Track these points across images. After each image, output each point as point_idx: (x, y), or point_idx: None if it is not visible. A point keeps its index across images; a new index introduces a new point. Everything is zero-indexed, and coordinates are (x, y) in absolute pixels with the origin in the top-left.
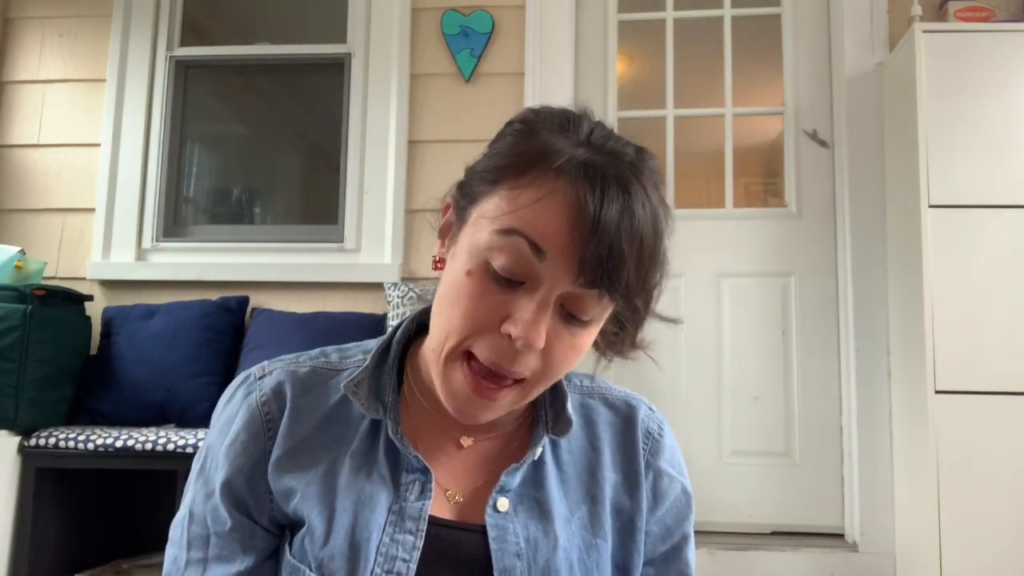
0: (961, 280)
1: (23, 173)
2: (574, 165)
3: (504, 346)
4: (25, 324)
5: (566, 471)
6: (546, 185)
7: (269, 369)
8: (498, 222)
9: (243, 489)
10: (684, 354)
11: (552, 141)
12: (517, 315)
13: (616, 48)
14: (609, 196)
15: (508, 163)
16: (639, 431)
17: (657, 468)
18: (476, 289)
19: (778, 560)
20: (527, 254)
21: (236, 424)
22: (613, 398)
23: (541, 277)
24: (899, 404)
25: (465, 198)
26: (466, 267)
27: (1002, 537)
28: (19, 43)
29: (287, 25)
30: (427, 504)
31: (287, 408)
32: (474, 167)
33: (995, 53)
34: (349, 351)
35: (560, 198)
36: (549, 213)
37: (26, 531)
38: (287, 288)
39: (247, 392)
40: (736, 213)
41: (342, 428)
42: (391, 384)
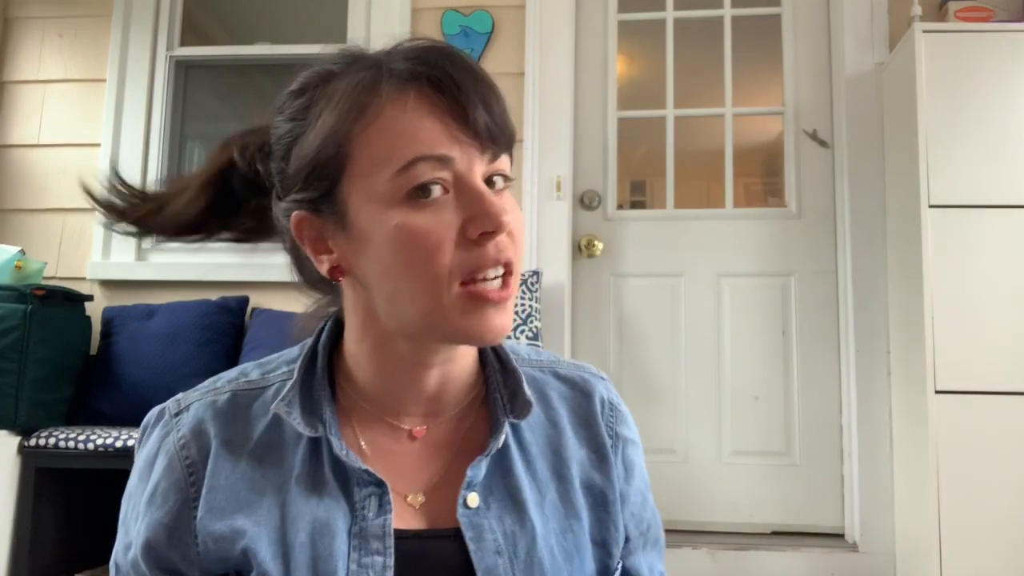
0: (961, 280)
1: (23, 173)
2: (400, 72)
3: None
4: (25, 324)
5: (529, 451)
6: (397, 100)
7: (185, 403)
8: (392, 162)
9: (164, 545)
10: (684, 354)
11: (357, 74)
12: (482, 207)
13: (616, 48)
14: (445, 63)
15: (341, 116)
16: (597, 403)
17: (624, 437)
18: (417, 227)
19: (778, 560)
20: (436, 168)
21: (155, 471)
22: (565, 372)
23: (459, 173)
24: (899, 404)
25: (320, 190)
26: (392, 222)
27: (1002, 537)
28: (19, 43)
29: (287, 25)
30: (389, 518)
31: (212, 446)
32: (298, 162)
33: (995, 53)
34: (270, 365)
35: (425, 104)
36: (423, 119)
37: (26, 531)
38: (287, 288)
39: (163, 432)
40: (736, 213)
41: (278, 453)
42: (326, 395)
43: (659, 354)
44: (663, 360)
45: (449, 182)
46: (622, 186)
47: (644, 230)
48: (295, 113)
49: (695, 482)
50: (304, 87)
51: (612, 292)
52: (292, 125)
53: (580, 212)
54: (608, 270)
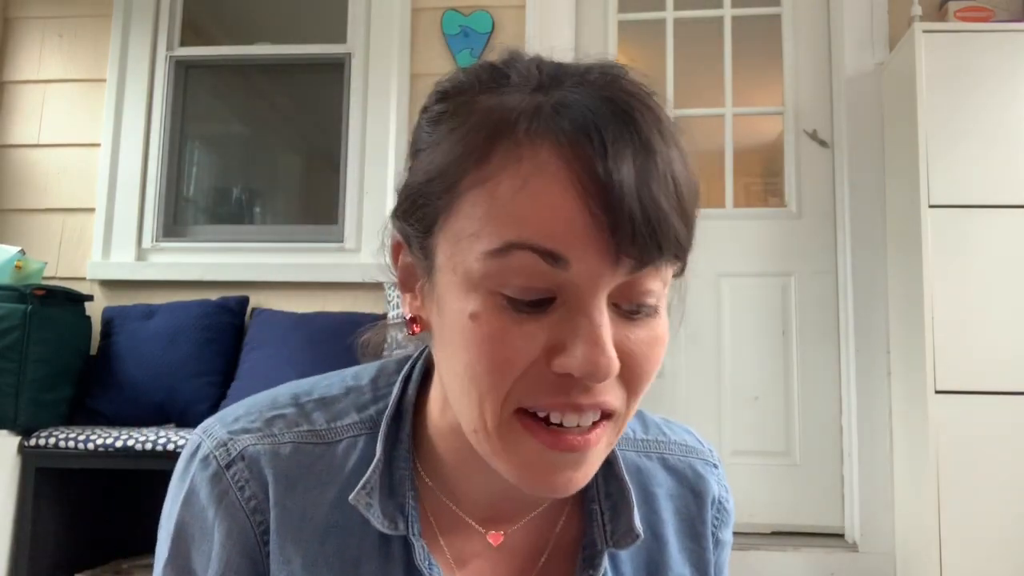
0: (961, 280)
1: (23, 173)
2: (545, 119)
3: (563, 385)
4: (25, 324)
5: (624, 574)
6: (522, 162)
7: (235, 449)
8: (485, 240)
9: None
10: (684, 354)
11: (501, 101)
12: (569, 346)
13: (616, 48)
14: (609, 141)
15: (457, 156)
16: (708, 505)
17: (723, 542)
18: (493, 330)
19: (778, 560)
20: (541, 267)
21: (218, 543)
22: (675, 460)
23: (573, 282)
24: (899, 404)
25: (418, 226)
26: (467, 310)
27: (1002, 537)
28: (19, 43)
29: (287, 25)
30: None
31: (273, 515)
32: (410, 183)
33: (995, 53)
34: (337, 407)
35: (551, 173)
36: (545, 200)
37: (26, 531)
38: (287, 288)
39: (219, 490)
40: (736, 213)
41: (343, 541)
42: (408, 477)
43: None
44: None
45: (555, 294)
46: None
47: None
48: (434, 116)
49: None
50: (456, 88)
51: None
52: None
53: None
54: None
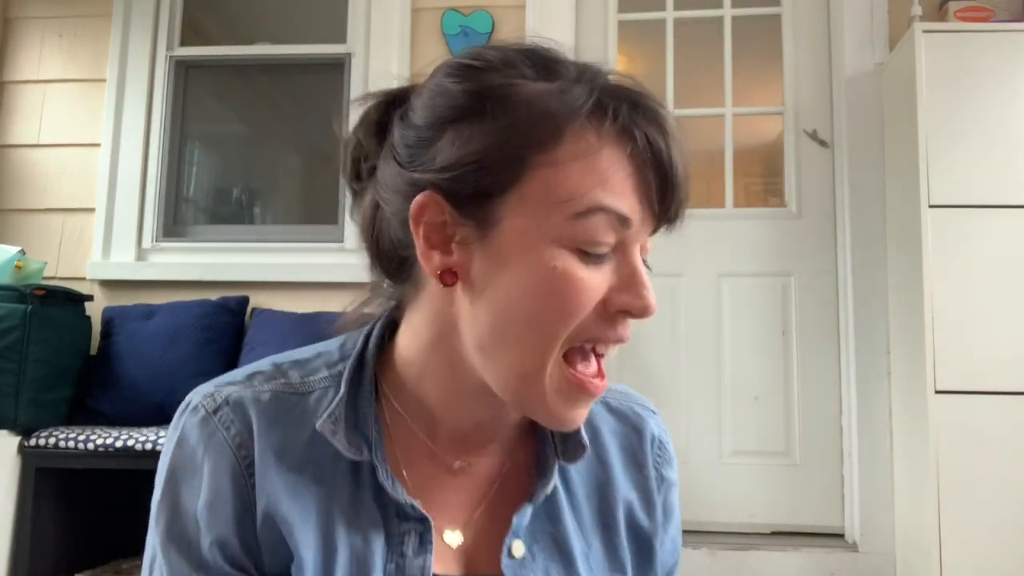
0: (961, 280)
1: (23, 173)
2: (610, 113)
3: (615, 321)
4: (25, 324)
5: (576, 495)
6: (597, 146)
7: (221, 398)
8: (573, 205)
9: (238, 550)
10: (684, 354)
11: (564, 94)
12: (636, 286)
13: (616, 48)
14: (661, 136)
15: (532, 135)
16: (648, 441)
17: (669, 480)
18: (573, 280)
19: (778, 560)
20: (614, 226)
21: (207, 476)
22: (617, 403)
23: (627, 241)
24: (899, 404)
25: (470, 192)
26: (552, 260)
27: (1002, 537)
28: (19, 43)
29: (287, 25)
30: (429, 559)
31: (257, 449)
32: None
33: (995, 53)
34: (310, 365)
35: (622, 155)
36: (620, 175)
37: (26, 531)
38: (287, 288)
39: (207, 431)
40: (736, 213)
41: (319, 471)
42: (371, 412)
43: (659, 354)
44: (663, 360)
45: (613, 249)
46: None
47: None
48: (470, 89)
49: (695, 482)
50: (490, 67)
51: None
52: (462, 99)
53: None
54: None
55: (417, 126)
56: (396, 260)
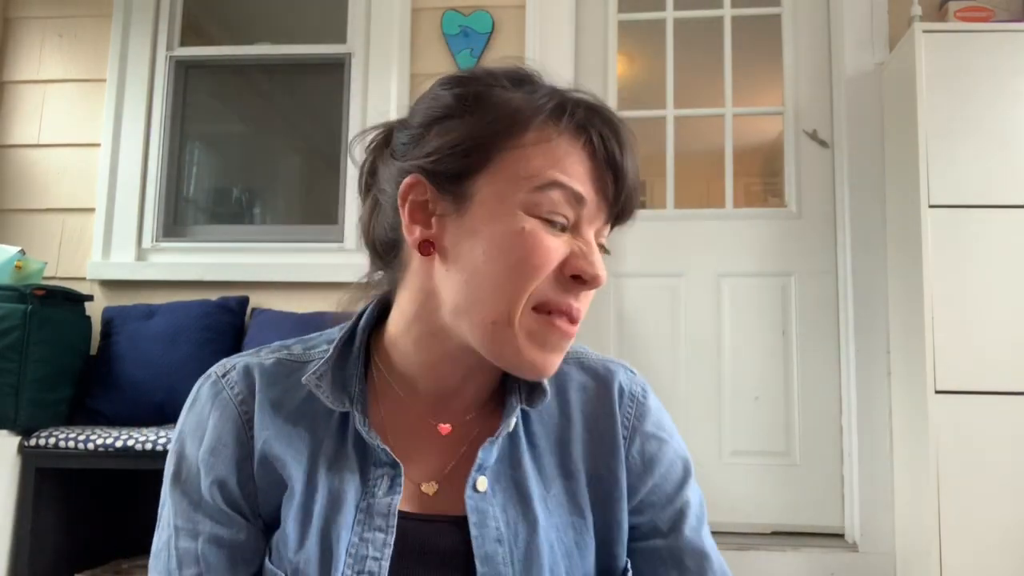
0: (961, 280)
1: (23, 173)
2: (567, 112)
3: (570, 288)
4: (25, 324)
5: (538, 445)
6: (556, 137)
7: (231, 364)
8: (536, 180)
9: (235, 491)
10: (684, 354)
11: (532, 97)
12: (589, 255)
13: (616, 48)
14: (614, 137)
15: (501, 126)
16: (616, 394)
17: (644, 432)
18: (540, 240)
19: (778, 560)
20: (571, 202)
21: (211, 427)
22: (590, 362)
23: (582, 219)
24: (899, 404)
25: (449, 173)
26: (519, 225)
27: (1002, 537)
28: (19, 43)
29: (287, 25)
30: (396, 499)
31: (257, 400)
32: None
33: (995, 53)
34: (312, 342)
35: (577, 147)
36: (575, 162)
37: (26, 531)
38: (287, 288)
39: (214, 391)
40: (736, 213)
41: (312, 423)
42: (357, 373)
43: (659, 354)
44: (663, 360)
45: (570, 223)
46: None
47: (644, 230)
48: (457, 94)
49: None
50: (474, 78)
51: (612, 292)
52: (450, 101)
53: None
54: (608, 270)
55: (412, 126)
56: (387, 244)
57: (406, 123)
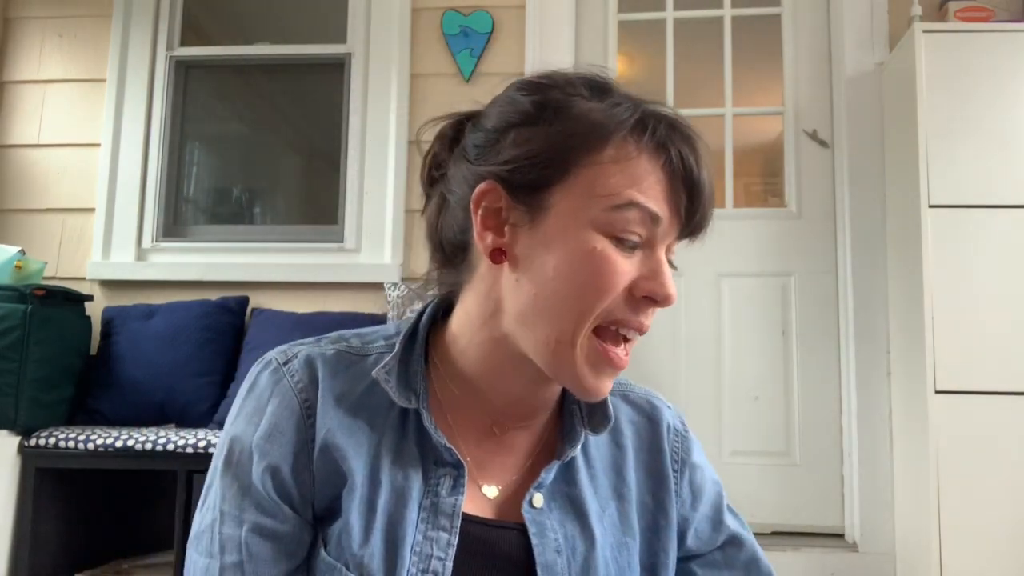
0: (961, 280)
1: (23, 173)
2: (649, 129)
3: (640, 307)
4: (25, 324)
5: (594, 467)
6: (636, 155)
7: (292, 353)
8: (614, 198)
9: (288, 480)
10: (684, 354)
11: (613, 111)
12: (660, 276)
13: (616, 48)
14: (692, 155)
15: (581, 139)
16: (664, 429)
17: (692, 464)
18: (612, 261)
19: (778, 560)
20: (646, 222)
21: (269, 412)
22: (635, 396)
23: (656, 238)
24: (899, 404)
25: (528, 182)
26: (591, 244)
27: (1002, 537)
28: (19, 43)
29: (287, 25)
30: (460, 500)
31: (320, 392)
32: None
33: (995, 53)
34: (368, 337)
35: (657, 166)
36: (654, 182)
37: (26, 531)
38: (287, 288)
39: (275, 378)
40: (736, 213)
41: (372, 417)
42: (421, 371)
43: (659, 354)
44: (663, 360)
45: (642, 242)
46: None
47: None
48: (535, 100)
49: None
50: (553, 85)
51: None
52: (528, 108)
53: None
54: None
55: (487, 129)
56: (455, 245)
57: (479, 123)
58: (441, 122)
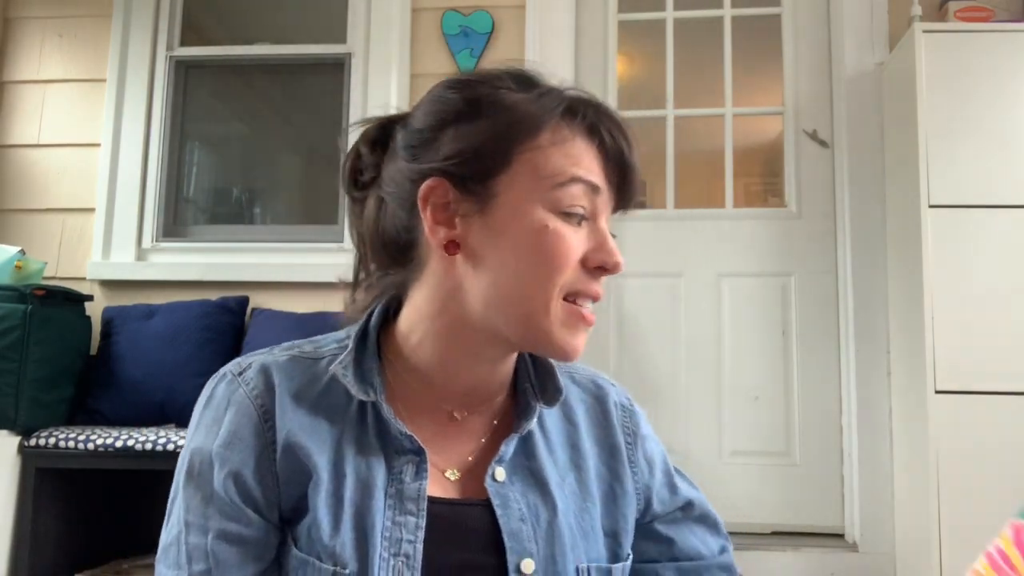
0: (961, 280)
1: (23, 173)
2: (579, 114)
3: (594, 276)
4: (25, 324)
5: (551, 441)
6: (571, 136)
7: (246, 364)
8: (554, 178)
9: (251, 483)
10: (684, 354)
11: (543, 99)
12: (607, 246)
13: (616, 48)
14: (621, 134)
15: (518, 128)
16: (611, 406)
17: (642, 435)
18: (564, 235)
19: (778, 560)
20: (589, 195)
21: (227, 421)
22: (580, 378)
23: (598, 210)
24: (899, 404)
25: (473, 175)
26: (542, 223)
27: None
28: (19, 43)
29: (287, 25)
30: (424, 484)
31: (278, 394)
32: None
33: (995, 53)
34: (320, 342)
35: (592, 145)
36: (589, 157)
37: (26, 531)
38: (287, 288)
39: (231, 389)
40: (736, 213)
41: (331, 414)
42: (376, 367)
43: (659, 354)
44: (663, 360)
45: (587, 214)
46: None
47: (644, 230)
48: (467, 97)
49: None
50: (481, 81)
51: (612, 292)
52: (460, 104)
53: None
54: None
55: (420, 129)
56: (400, 245)
57: (408, 124)
58: (367, 124)
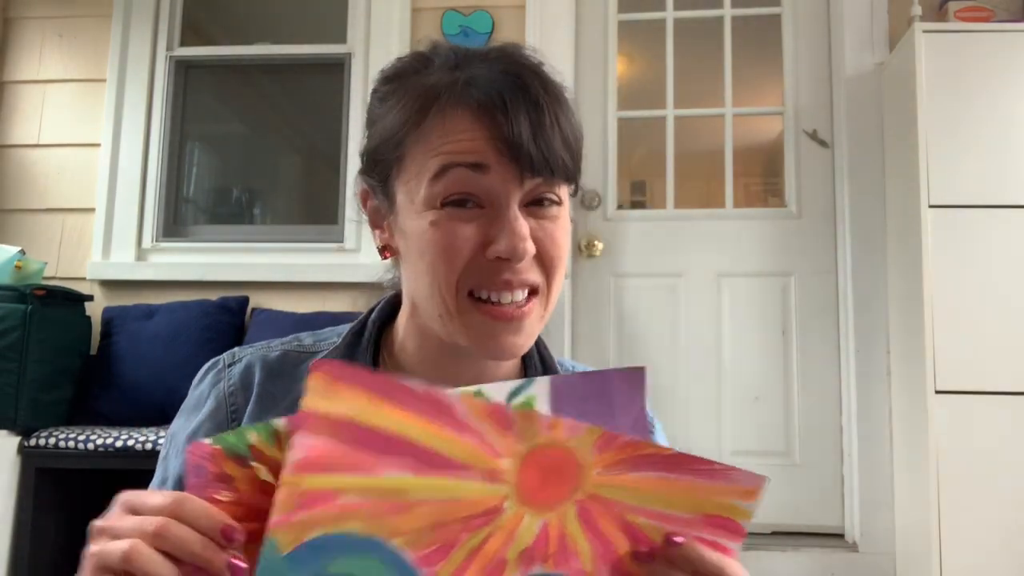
0: (961, 280)
1: (23, 173)
2: (453, 85)
3: (497, 268)
4: (25, 324)
5: None
6: (444, 116)
7: (240, 355)
8: (430, 170)
9: None
10: (684, 354)
11: (422, 81)
12: (495, 235)
13: (616, 48)
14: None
15: (398, 123)
16: None
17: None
18: (447, 230)
19: (778, 560)
20: (471, 176)
21: (202, 412)
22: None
23: (495, 189)
24: (899, 404)
25: (378, 178)
26: (427, 221)
27: (1002, 537)
28: (19, 43)
29: (287, 25)
30: None
31: (253, 395)
32: (367, 148)
33: (995, 53)
34: (323, 334)
35: (464, 117)
36: (464, 134)
37: (26, 531)
38: (287, 288)
39: (216, 379)
40: (736, 213)
41: None
42: (366, 363)
43: (659, 354)
44: (663, 360)
45: (483, 198)
46: (622, 186)
47: (644, 230)
48: (381, 95)
49: None
50: (396, 73)
51: (612, 292)
52: (373, 103)
53: (580, 212)
54: (608, 270)
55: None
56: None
57: None
58: None
